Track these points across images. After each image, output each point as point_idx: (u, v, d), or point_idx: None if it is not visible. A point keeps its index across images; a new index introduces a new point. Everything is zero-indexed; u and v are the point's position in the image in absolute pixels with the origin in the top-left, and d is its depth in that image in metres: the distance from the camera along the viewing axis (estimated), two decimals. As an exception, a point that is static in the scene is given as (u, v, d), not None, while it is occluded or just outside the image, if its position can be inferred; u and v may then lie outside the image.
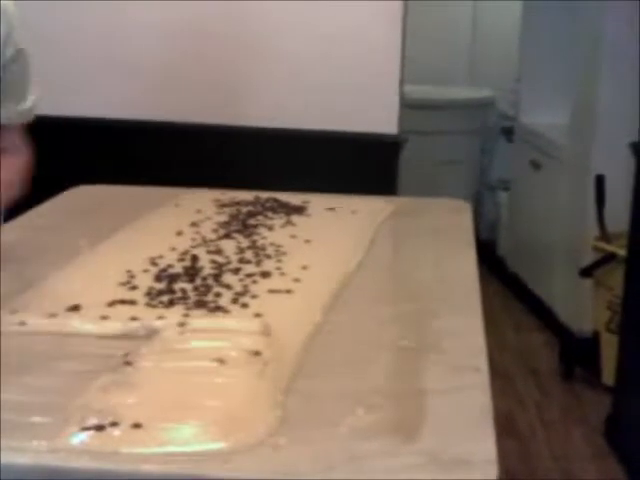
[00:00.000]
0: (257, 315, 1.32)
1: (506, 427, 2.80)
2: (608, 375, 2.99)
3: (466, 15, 4.68)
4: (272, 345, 1.20)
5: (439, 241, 1.81)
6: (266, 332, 1.25)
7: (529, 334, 3.59)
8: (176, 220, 1.81)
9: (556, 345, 3.38)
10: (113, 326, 1.28)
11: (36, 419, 1.02)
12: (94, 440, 0.97)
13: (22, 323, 1.28)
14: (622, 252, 2.85)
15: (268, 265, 1.55)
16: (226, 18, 2.64)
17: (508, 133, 4.28)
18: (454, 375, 1.20)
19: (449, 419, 1.09)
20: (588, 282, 3.13)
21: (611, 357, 2.92)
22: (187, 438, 0.99)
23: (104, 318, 1.30)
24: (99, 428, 0.98)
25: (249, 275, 1.49)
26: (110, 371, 1.13)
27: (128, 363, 1.14)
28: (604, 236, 3.05)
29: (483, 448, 1.03)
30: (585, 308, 3.23)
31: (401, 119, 2.68)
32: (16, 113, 1.72)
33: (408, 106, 2.79)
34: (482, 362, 1.25)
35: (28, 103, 1.74)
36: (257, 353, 1.17)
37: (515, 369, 3.29)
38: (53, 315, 1.31)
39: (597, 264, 3.02)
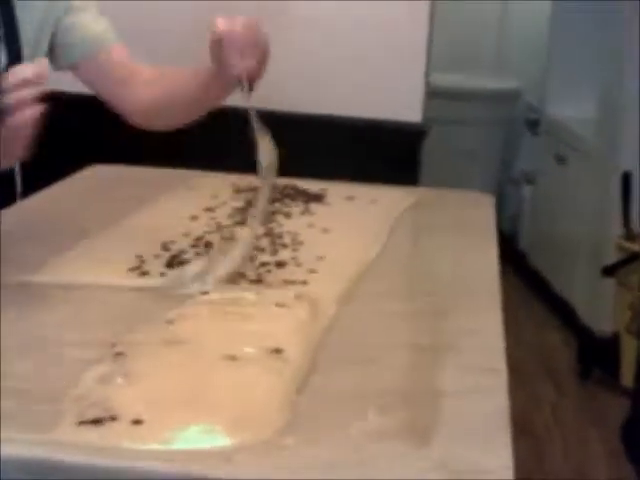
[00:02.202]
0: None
1: (521, 426, 2.75)
2: (627, 377, 2.93)
3: (495, 1, 4.59)
4: (292, 342, 1.15)
5: (460, 235, 1.76)
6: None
7: (548, 332, 3.53)
8: (190, 204, 1.77)
9: (575, 344, 3.32)
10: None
11: (29, 409, 0.98)
12: (92, 434, 0.93)
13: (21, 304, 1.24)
14: (647, 252, 2.79)
15: (284, 254, 1.50)
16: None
17: (533, 125, 4.21)
18: (471, 376, 1.15)
19: (464, 423, 1.04)
20: (610, 281, 3.07)
21: (630, 359, 2.87)
22: (190, 435, 0.95)
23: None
24: (97, 422, 0.94)
25: (263, 264, 1.44)
26: (106, 361, 1.08)
27: (119, 354, 1.09)
28: (629, 235, 2.99)
29: (499, 455, 0.99)
30: (606, 308, 3.16)
31: (425, 107, 2.63)
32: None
33: (430, 94, 2.73)
34: (501, 363, 1.20)
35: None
36: (277, 351, 1.12)
37: (532, 367, 3.23)
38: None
39: (620, 263, 2.96)
